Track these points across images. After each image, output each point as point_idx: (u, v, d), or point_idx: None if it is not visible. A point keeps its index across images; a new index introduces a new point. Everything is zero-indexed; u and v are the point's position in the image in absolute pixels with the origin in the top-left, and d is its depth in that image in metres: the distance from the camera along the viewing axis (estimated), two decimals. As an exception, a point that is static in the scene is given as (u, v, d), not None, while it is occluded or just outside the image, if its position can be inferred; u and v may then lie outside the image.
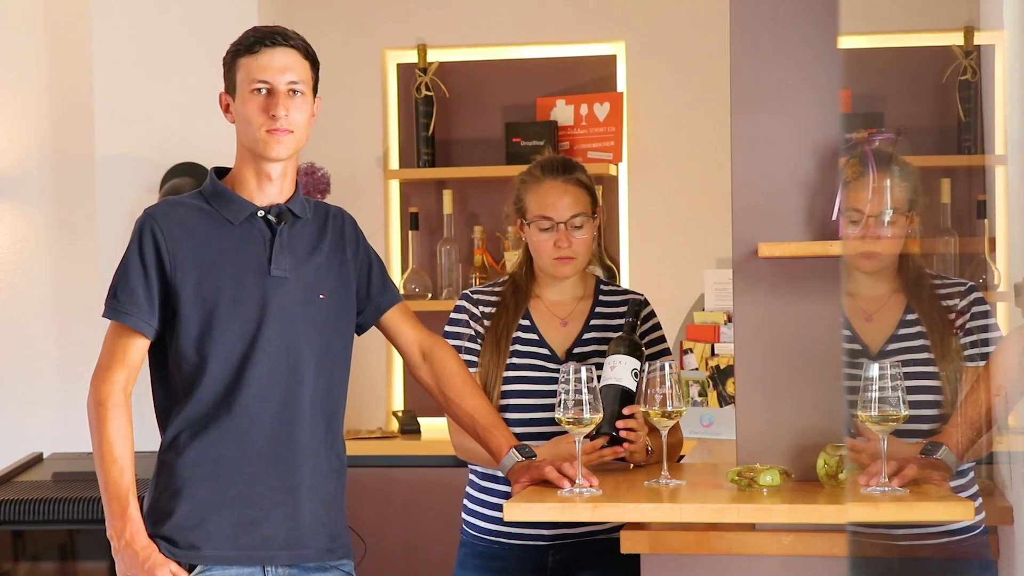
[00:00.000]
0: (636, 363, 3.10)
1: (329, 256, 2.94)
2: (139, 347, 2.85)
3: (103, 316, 2.86)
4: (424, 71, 5.02)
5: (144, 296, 2.83)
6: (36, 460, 4.42)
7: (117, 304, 2.84)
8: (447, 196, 4.99)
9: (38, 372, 4.86)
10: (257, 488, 2.84)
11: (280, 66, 2.83)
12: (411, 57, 5.07)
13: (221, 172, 2.95)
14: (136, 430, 2.91)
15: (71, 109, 4.85)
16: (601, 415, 2.88)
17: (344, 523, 2.97)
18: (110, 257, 4.79)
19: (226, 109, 2.90)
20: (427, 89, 5.02)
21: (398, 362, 5.06)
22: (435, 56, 5.05)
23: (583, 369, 2.86)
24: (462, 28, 5.05)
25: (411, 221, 4.99)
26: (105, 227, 4.68)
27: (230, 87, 2.88)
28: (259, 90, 2.83)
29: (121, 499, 2.79)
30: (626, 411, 3.08)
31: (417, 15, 5.06)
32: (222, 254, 2.85)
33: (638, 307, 3.20)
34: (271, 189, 2.89)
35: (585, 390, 2.85)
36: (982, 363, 2.91)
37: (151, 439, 4.41)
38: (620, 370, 3.09)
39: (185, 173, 4.59)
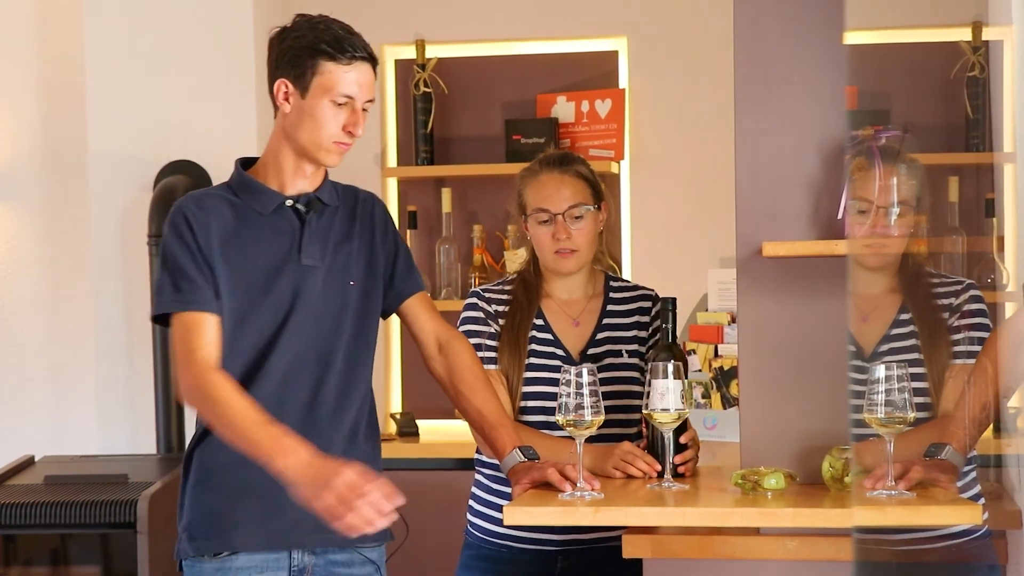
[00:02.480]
0: (682, 385, 2.94)
1: (359, 242, 2.94)
2: (212, 325, 2.80)
3: (167, 311, 2.80)
4: (423, 67, 4.99)
5: (201, 280, 2.80)
6: (27, 463, 4.37)
7: (182, 296, 2.80)
8: (446, 194, 4.96)
9: (30, 373, 4.81)
10: None
11: (367, 84, 2.84)
12: (409, 53, 5.04)
13: (247, 163, 2.94)
14: (136, 432, 2.87)
15: (63, 106, 4.81)
16: (603, 417, 2.84)
17: None
18: (103, 257, 4.77)
19: (284, 98, 2.85)
20: (425, 85, 4.98)
21: (396, 363, 5.04)
22: (434, 52, 5.02)
23: (584, 371, 2.84)
24: (461, 23, 5.02)
25: (409, 220, 4.96)
26: (98, 226, 4.66)
27: (298, 81, 2.82)
28: (342, 103, 2.82)
29: (270, 438, 2.68)
30: (683, 439, 3.03)
31: (415, 10, 5.03)
32: (252, 245, 2.85)
33: (670, 307, 3.08)
34: (302, 180, 2.90)
35: (586, 392, 2.82)
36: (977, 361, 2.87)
37: (150, 442, 4.40)
38: (670, 400, 2.91)
39: (179, 171, 4.56)
